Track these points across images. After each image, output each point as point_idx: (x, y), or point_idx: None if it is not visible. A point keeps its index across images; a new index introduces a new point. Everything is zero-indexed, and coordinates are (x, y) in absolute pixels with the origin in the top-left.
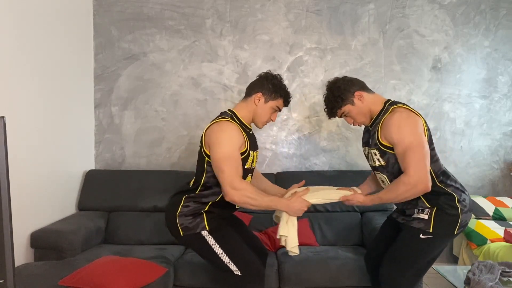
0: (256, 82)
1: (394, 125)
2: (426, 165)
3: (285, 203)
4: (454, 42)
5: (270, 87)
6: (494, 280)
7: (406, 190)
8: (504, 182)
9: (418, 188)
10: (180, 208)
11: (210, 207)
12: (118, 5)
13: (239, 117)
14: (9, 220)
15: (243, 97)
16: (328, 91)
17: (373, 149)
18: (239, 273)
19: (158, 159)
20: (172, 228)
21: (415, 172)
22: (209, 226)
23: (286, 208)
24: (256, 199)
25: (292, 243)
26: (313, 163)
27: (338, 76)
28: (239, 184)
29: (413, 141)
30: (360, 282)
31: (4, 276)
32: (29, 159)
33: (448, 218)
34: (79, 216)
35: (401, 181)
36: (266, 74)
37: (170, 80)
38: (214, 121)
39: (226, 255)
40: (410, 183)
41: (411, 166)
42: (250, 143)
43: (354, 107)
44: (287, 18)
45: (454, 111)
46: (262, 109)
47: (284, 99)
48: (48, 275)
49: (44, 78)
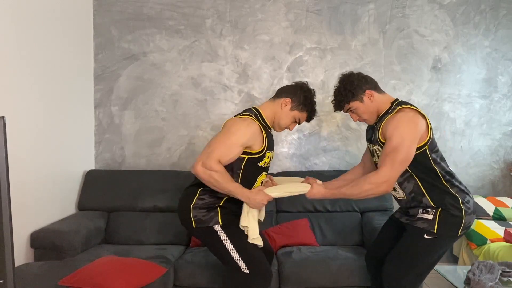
0: (290, 87)
1: (392, 124)
2: (400, 170)
3: (247, 195)
4: (454, 42)
5: (301, 97)
6: (494, 280)
7: (370, 188)
8: (504, 182)
9: (381, 188)
10: (195, 200)
11: (225, 203)
12: (118, 5)
13: (264, 116)
14: (9, 220)
15: (272, 97)
16: (340, 83)
17: (376, 145)
18: (247, 271)
19: (158, 159)
20: (184, 219)
21: (386, 173)
22: (222, 221)
23: (247, 200)
24: (219, 182)
25: (253, 234)
26: (313, 163)
27: (353, 71)
28: (212, 165)
29: (401, 144)
30: (360, 282)
31: (4, 276)
32: (29, 159)
33: (452, 219)
34: (79, 216)
35: (368, 179)
36: (303, 84)
37: (170, 80)
38: (239, 115)
39: (237, 252)
40: (376, 182)
41: (386, 166)
42: (268, 143)
43: (362, 105)
44: (287, 18)
45: (454, 111)
46: (286, 114)
47: (309, 115)
48: (48, 275)
49: (44, 78)
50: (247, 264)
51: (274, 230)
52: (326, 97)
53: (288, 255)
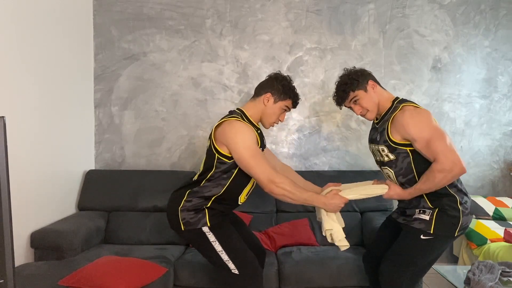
0: (266, 82)
1: (409, 123)
2: (453, 149)
3: (322, 200)
4: (454, 42)
5: (279, 87)
6: (494, 280)
7: (443, 176)
8: (504, 182)
9: (454, 172)
10: (183, 202)
11: (213, 203)
12: (118, 5)
13: (248, 116)
14: (9, 220)
15: (252, 97)
16: (345, 74)
17: (382, 145)
18: (236, 272)
19: (158, 159)
20: (173, 222)
21: (446, 158)
22: (210, 223)
23: (323, 205)
24: (294, 194)
25: (338, 236)
26: (313, 163)
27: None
28: (277, 178)
29: (433, 132)
30: (360, 282)
31: (4, 276)
32: (29, 159)
33: (449, 219)
34: (79, 216)
35: (435, 169)
36: (276, 75)
37: (170, 80)
38: (224, 119)
39: (225, 253)
40: (445, 169)
41: (440, 153)
42: (261, 142)
43: (366, 94)
44: (287, 18)
45: (454, 111)
46: (271, 109)
47: (293, 101)
48: (48, 275)
49: (44, 78)
50: (236, 265)
51: (274, 230)
52: (326, 97)
53: (288, 255)
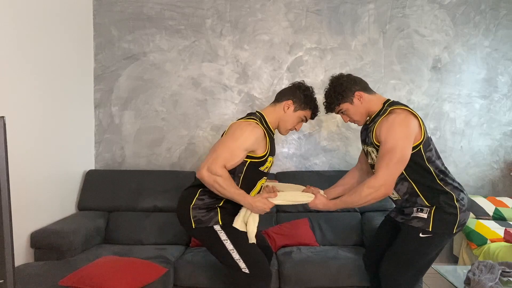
0: (288, 90)
1: (385, 127)
2: (397, 171)
3: (249, 201)
4: (454, 42)
5: (301, 97)
6: (494, 280)
7: (369, 193)
8: (504, 182)
9: (380, 192)
10: (195, 200)
11: (224, 203)
12: (118, 5)
13: (268, 121)
14: (9, 220)
15: (272, 102)
16: (330, 86)
17: (370, 147)
18: (247, 271)
19: (158, 159)
20: (184, 220)
21: (383, 176)
22: (222, 221)
23: (249, 206)
24: (223, 187)
25: (251, 238)
26: (313, 163)
27: (343, 73)
28: (217, 170)
29: (396, 145)
30: (360, 282)
31: (4, 276)
32: (29, 159)
33: (447, 217)
34: (79, 216)
35: (367, 184)
36: (300, 84)
37: (170, 80)
38: (243, 118)
39: (237, 252)
40: (374, 186)
41: (383, 168)
42: (271, 148)
43: (352, 106)
44: (287, 18)
45: (454, 111)
46: (290, 117)
47: (312, 112)
48: (48, 275)
49: (44, 78)
50: (247, 264)
51: (274, 230)
52: None
53: (288, 255)
